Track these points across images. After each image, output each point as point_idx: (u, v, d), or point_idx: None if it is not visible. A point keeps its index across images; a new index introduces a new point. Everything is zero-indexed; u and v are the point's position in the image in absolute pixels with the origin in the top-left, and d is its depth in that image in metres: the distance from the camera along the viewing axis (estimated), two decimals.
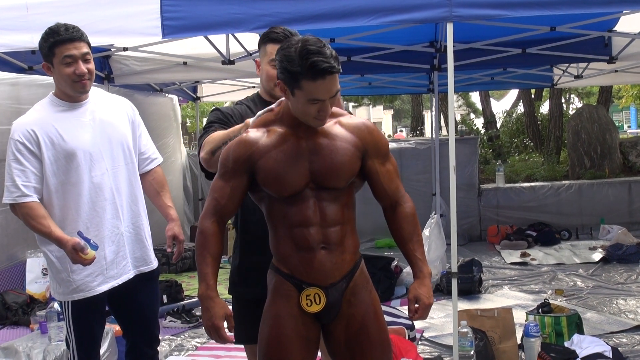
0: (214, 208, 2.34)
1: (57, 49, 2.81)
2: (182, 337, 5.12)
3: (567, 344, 4.19)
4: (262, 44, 2.78)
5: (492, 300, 5.87)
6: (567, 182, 9.77)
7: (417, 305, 2.38)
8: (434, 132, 8.25)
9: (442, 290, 6.13)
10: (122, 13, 3.82)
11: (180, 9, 3.76)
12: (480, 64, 6.74)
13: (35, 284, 5.64)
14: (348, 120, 2.37)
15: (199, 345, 4.91)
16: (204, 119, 2.85)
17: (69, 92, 2.89)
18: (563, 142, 12.44)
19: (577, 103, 20.02)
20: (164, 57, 6.27)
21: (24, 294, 5.48)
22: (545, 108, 14.94)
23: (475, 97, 19.31)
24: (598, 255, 7.53)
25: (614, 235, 8.06)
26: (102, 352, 3.71)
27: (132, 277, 3.01)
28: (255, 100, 2.85)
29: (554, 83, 9.23)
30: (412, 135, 16.69)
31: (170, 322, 5.34)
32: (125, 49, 5.89)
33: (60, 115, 2.88)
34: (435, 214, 6.64)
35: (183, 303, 5.69)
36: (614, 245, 7.48)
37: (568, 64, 7.90)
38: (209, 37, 5.50)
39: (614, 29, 5.97)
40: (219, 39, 5.75)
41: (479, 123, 16.19)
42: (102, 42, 4.12)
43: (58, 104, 2.91)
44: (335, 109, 2.40)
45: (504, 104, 19.13)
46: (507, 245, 8.35)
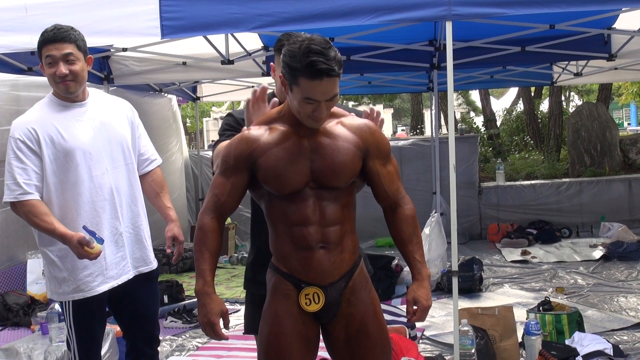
0: (214, 204, 2.34)
1: (43, 49, 2.82)
2: (183, 337, 5.12)
3: (568, 342, 4.19)
4: (278, 52, 2.77)
5: (492, 299, 5.87)
6: (567, 180, 9.77)
7: (415, 307, 2.38)
8: (434, 130, 8.25)
9: (442, 289, 6.13)
10: (121, 13, 3.81)
11: (179, 9, 3.76)
12: (480, 62, 6.73)
13: (36, 285, 5.64)
14: (350, 121, 2.37)
15: (200, 346, 4.91)
16: (204, 119, 2.88)
17: (59, 92, 2.90)
18: (563, 139, 12.44)
19: (577, 101, 20.02)
20: (163, 57, 6.26)
21: (25, 295, 5.49)
22: (545, 106, 14.92)
23: (475, 95, 19.31)
24: (598, 253, 7.53)
25: (615, 233, 8.06)
26: (102, 352, 3.71)
27: (131, 277, 3.00)
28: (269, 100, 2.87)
29: (554, 81, 9.22)
30: (412, 134, 16.68)
31: (171, 322, 5.34)
32: (125, 50, 5.89)
33: (60, 115, 2.88)
34: (436, 213, 6.64)
35: (184, 303, 5.69)
36: (615, 243, 7.49)
37: (567, 62, 7.89)
38: (208, 37, 5.50)
39: (613, 27, 5.95)
40: (218, 39, 5.75)
41: (479, 121, 16.18)
42: (101, 42, 4.12)
43: (57, 104, 2.91)
44: (338, 109, 2.40)
45: (504, 102, 19.12)
46: (507, 244, 8.36)
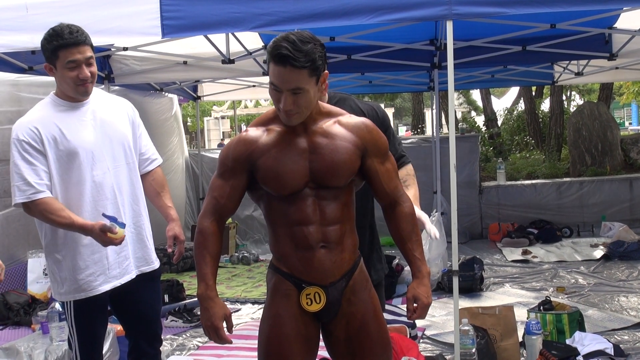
0: (214, 207, 2.33)
1: (61, 53, 2.78)
2: (183, 336, 5.12)
3: (568, 342, 4.19)
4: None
5: (493, 298, 5.87)
6: (568, 179, 9.78)
7: (415, 305, 2.38)
8: (435, 130, 8.24)
9: (443, 288, 6.13)
10: (121, 13, 3.81)
11: (180, 9, 3.76)
12: (481, 62, 6.73)
13: (37, 284, 5.64)
14: (347, 120, 2.36)
15: (201, 345, 4.91)
16: (205, 118, 2.88)
17: (71, 94, 2.89)
18: (564, 139, 12.43)
19: (578, 100, 20.01)
20: (164, 56, 6.27)
21: (26, 294, 5.49)
22: (546, 105, 14.92)
23: (476, 94, 19.31)
24: (599, 253, 7.53)
25: (615, 232, 8.05)
26: (103, 352, 3.71)
27: (134, 277, 3.01)
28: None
29: (555, 80, 9.22)
30: (413, 134, 16.68)
31: (172, 321, 5.35)
32: (125, 49, 5.88)
33: (62, 115, 2.87)
34: (437, 212, 6.63)
35: (184, 302, 5.70)
36: (616, 243, 7.48)
37: (568, 61, 7.89)
38: (209, 36, 5.50)
39: (614, 26, 5.95)
40: (219, 38, 5.75)
41: (480, 121, 16.18)
42: (102, 42, 4.12)
43: (59, 104, 2.91)
44: (335, 109, 2.40)
45: (505, 102, 19.13)
46: (508, 243, 8.36)
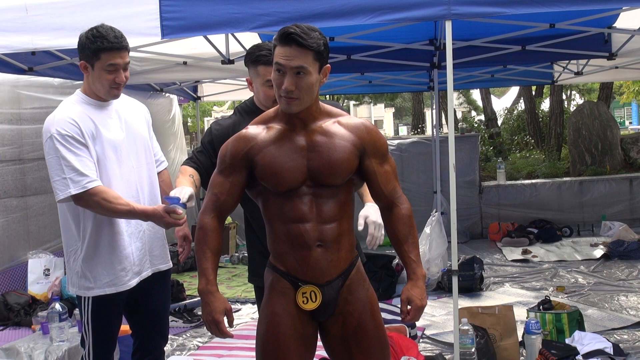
0: (214, 204, 2.36)
1: (103, 54, 2.82)
2: (183, 336, 5.13)
3: (568, 341, 4.20)
4: (252, 64, 2.86)
5: (493, 298, 5.87)
6: (568, 178, 9.78)
7: (409, 307, 2.39)
8: (435, 129, 8.25)
9: (443, 288, 6.14)
10: (121, 14, 3.81)
11: (179, 9, 3.77)
12: (480, 62, 6.74)
13: (37, 285, 5.64)
14: (347, 120, 2.39)
15: (201, 345, 4.92)
16: (205, 119, 2.88)
17: (102, 95, 2.93)
18: (564, 138, 12.44)
19: (578, 100, 20.01)
20: (164, 57, 6.27)
21: (26, 295, 5.49)
22: (546, 105, 14.93)
23: (476, 94, 19.32)
24: (599, 252, 7.54)
25: (615, 232, 8.06)
26: None
27: (150, 274, 3.05)
28: (248, 111, 2.95)
29: (555, 80, 9.22)
30: (413, 133, 16.68)
31: (172, 321, 5.34)
32: None
33: (94, 112, 2.92)
34: (436, 212, 6.64)
35: (185, 303, 5.69)
36: (615, 242, 7.49)
37: (568, 61, 7.90)
38: (209, 37, 5.50)
39: (614, 26, 5.96)
40: (219, 39, 5.75)
41: (480, 120, 16.18)
42: None
43: (88, 102, 2.94)
44: (335, 110, 2.43)
45: (505, 101, 19.15)
46: (508, 243, 8.36)
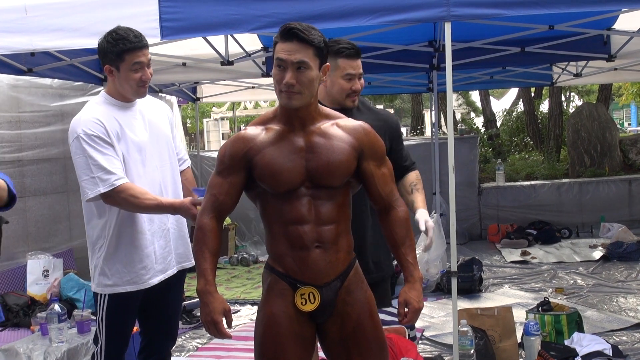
0: (212, 204, 2.36)
1: (127, 55, 2.89)
2: (182, 337, 5.12)
3: (567, 342, 4.20)
4: (331, 57, 2.85)
5: (492, 299, 5.87)
6: (567, 180, 9.78)
7: (406, 310, 2.40)
8: (434, 131, 8.25)
9: (442, 289, 6.14)
10: (120, 15, 3.81)
11: (179, 10, 3.77)
12: (480, 63, 6.74)
13: (36, 286, 5.64)
14: (346, 122, 2.40)
15: (200, 346, 4.92)
16: (204, 120, 2.89)
17: (129, 95, 2.98)
18: (563, 140, 12.44)
19: (577, 101, 20.01)
20: (163, 58, 6.26)
21: (25, 296, 5.49)
22: (545, 106, 14.93)
23: (475, 96, 19.31)
24: (598, 254, 7.55)
25: (614, 233, 8.06)
26: None
27: (175, 272, 3.08)
28: None
29: (554, 81, 9.23)
30: (412, 135, 16.68)
31: None
32: None
33: (119, 113, 2.96)
34: (436, 213, 6.63)
35: (183, 304, 5.68)
36: (614, 243, 7.50)
37: (567, 63, 7.90)
38: (208, 38, 5.50)
39: (613, 27, 5.96)
40: (218, 40, 5.75)
41: (479, 122, 16.18)
42: None
43: (113, 103, 2.98)
44: (335, 112, 2.44)
45: (504, 103, 19.14)
46: (507, 244, 8.37)
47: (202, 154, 9.65)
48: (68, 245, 6.39)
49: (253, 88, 8.87)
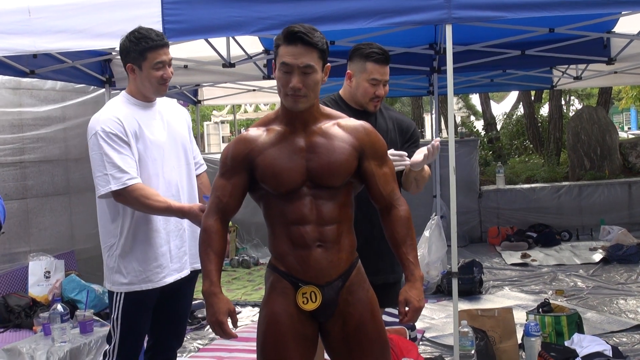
0: (217, 206, 2.39)
1: (149, 54, 2.93)
2: (184, 338, 5.12)
3: (567, 344, 4.21)
4: (360, 59, 2.97)
5: (492, 301, 5.88)
6: (567, 183, 9.80)
7: (407, 309, 2.40)
8: (434, 134, 8.27)
9: (442, 291, 6.15)
10: (123, 17, 3.83)
11: (181, 13, 3.79)
12: (480, 66, 6.75)
13: (38, 287, 5.65)
14: (347, 122, 2.41)
15: (201, 347, 4.93)
16: (205, 123, 2.91)
17: (150, 94, 3.01)
18: (563, 143, 12.47)
19: (577, 104, 20.03)
20: None
21: (27, 297, 5.49)
22: (545, 110, 14.95)
23: (476, 99, 19.32)
24: (598, 256, 7.55)
25: (614, 236, 8.08)
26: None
27: (189, 273, 3.10)
28: (339, 103, 3.02)
29: (554, 84, 9.25)
30: None
31: None
32: None
33: (139, 112, 2.99)
34: (436, 216, 6.65)
35: None
36: (614, 246, 7.51)
37: (567, 66, 7.91)
38: (210, 40, 5.52)
39: (613, 30, 5.98)
40: (220, 42, 5.77)
41: (479, 125, 16.21)
42: (103, 45, 4.14)
43: (133, 103, 3.01)
44: (336, 112, 2.45)
45: (504, 106, 19.17)
46: (507, 247, 8.38)
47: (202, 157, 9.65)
48: (70, 247, 6.40)
49: (254, 91, 8.88)
